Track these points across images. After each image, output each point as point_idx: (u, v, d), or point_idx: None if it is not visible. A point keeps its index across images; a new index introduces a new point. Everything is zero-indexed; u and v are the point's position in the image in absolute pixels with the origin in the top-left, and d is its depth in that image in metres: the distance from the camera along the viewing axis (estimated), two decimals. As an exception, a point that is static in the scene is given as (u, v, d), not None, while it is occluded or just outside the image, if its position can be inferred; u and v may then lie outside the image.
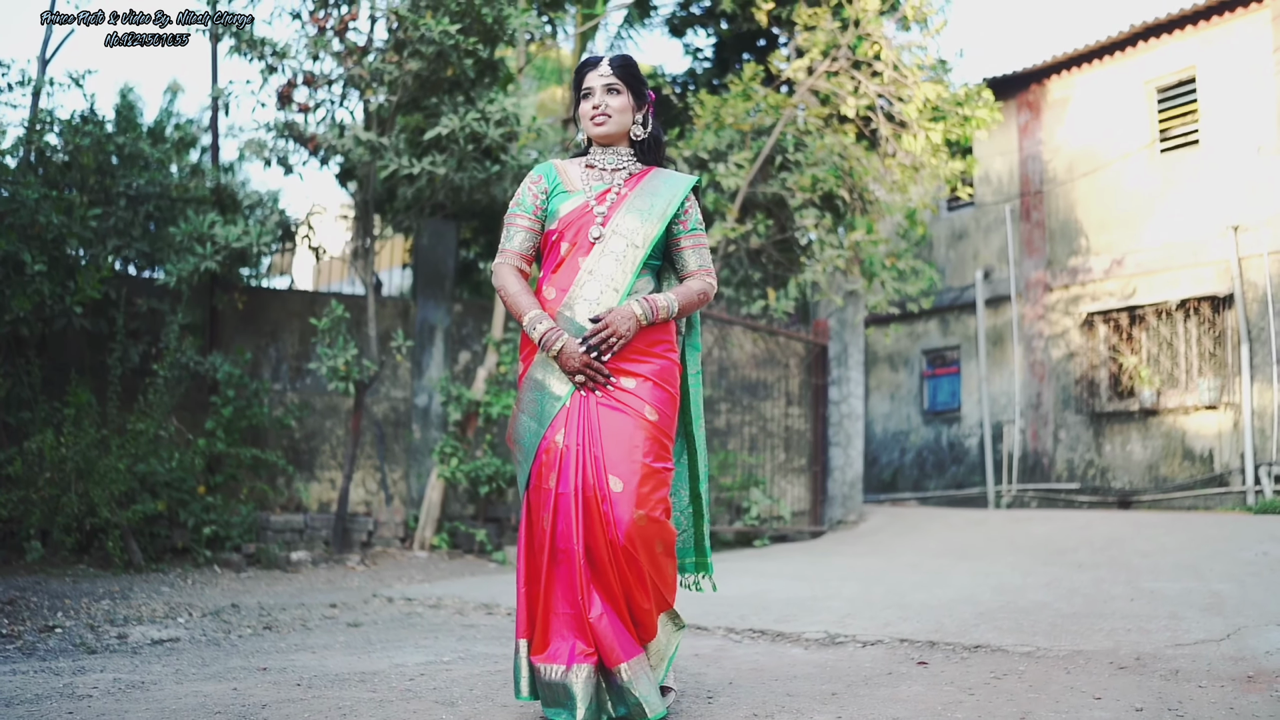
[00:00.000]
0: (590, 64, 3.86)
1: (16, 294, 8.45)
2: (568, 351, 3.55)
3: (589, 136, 3.87)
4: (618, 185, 3.80)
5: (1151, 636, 5.23)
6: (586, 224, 3.72)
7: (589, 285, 3.66)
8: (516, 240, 3.79)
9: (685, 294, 3.74)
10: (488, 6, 9.14)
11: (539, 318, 3.61)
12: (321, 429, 10.73)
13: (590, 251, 3.70)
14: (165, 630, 5.83)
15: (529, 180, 3.85)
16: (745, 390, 11.91)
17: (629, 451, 3.49)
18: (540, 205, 3.80)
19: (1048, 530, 11.02)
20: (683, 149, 10.92)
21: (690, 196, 3.88)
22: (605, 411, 3.55)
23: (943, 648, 5.26)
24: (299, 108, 9.32)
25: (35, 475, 8.31)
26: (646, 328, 3.63)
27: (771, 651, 5.38)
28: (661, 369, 3.64)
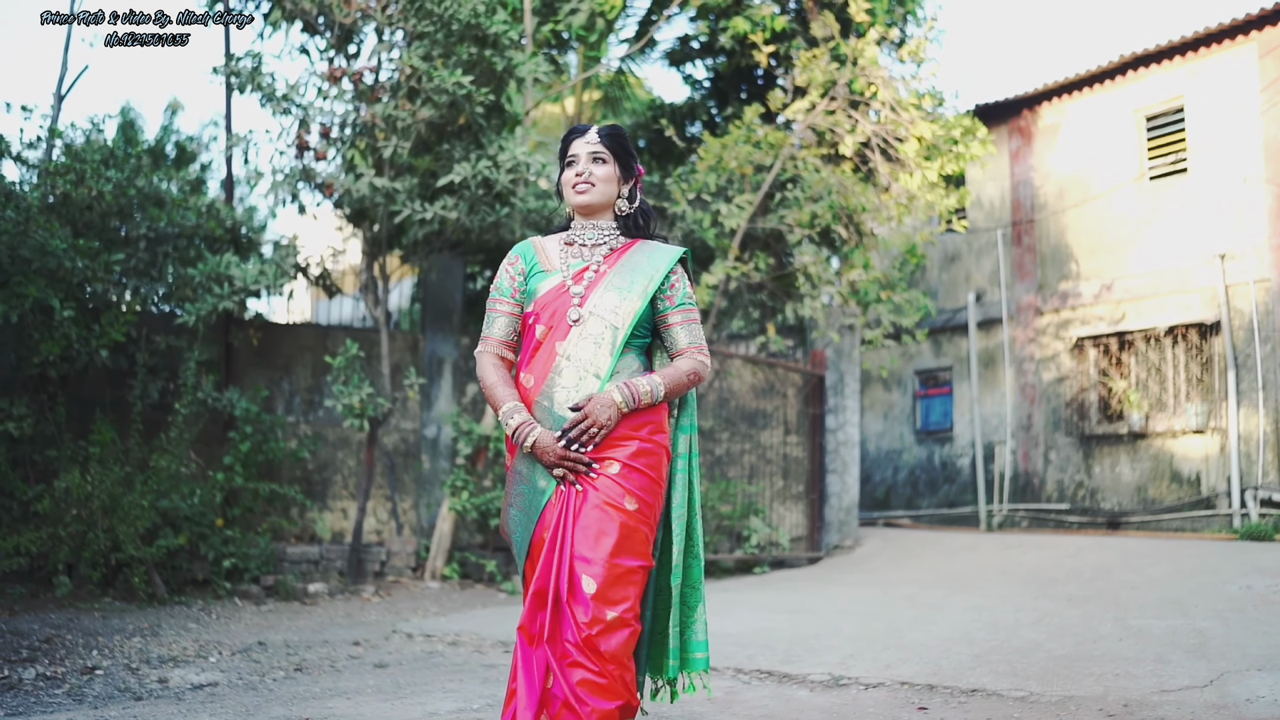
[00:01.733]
0: (577, 132, 3.73)
1: (45, 338, 8.75)
2: (541, 446, 3.43)
3: (571, 208, 3.71)
4: (596, 262, 3.64)
5: (1139, 682, 5.53)
6: (563, 306, 3.56)
7: (567, 371, 3.52)
8: (497, 327, 3.68)
9: (673, 376, 3.58)
10: (498, 56, 9.46)
11: (513, 410, 3.50)
12: (334, 460, 11.03)
13: (568, 335, 3.53)
14: (203, 674, 6.12)
15: (506, 262, 3.75)
16: (744, 419, 12.22)
17: (601, 549, 3.35)
18: (518, 288, 3.68)
19: (1038, 559, 11.34)
20: (686, 190, 11.24)
21: (678, 269, 3.69)
22: (585, 504, 3.41)
23: (941, 691, 5.56)
24: (316, 156, 9.61)
25: (62, 512, 8.61)
26: (630, 413, 3.46)
27: (779, 694, 5.68)
28: (645, 452, 3.48)
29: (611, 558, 3.34)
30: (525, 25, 10.88)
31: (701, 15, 13.01)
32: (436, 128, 9.73)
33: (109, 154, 9.60)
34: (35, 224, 8.52)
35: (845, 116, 11.46)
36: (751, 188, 11.39)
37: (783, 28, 12.34)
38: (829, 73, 11.45)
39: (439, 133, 9.86)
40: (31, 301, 8.55)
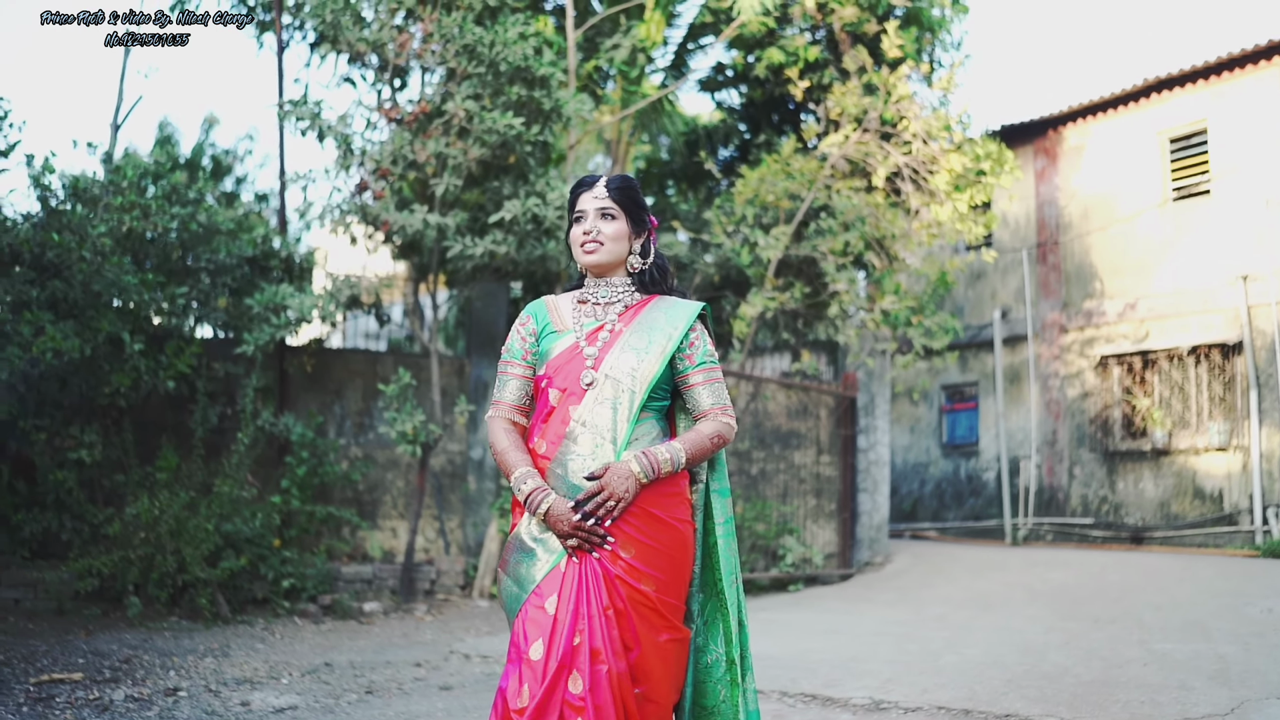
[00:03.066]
0: (584, 185, 3.55)
1: (115, 369, 9.19)
2: (555, 513, 3.22)
3: (582, 266, 3.54)
4: (611, 321, 3.45)
5: (1163, 709, 5.88)
6: (577, 368, 3.38)
7: (582, 438, 3.31)
8: (508, 390, 3.50)
9: (695, 442, 3.34)
10: (546, 96, 9.87)
11: (526, 475, 3.30)
12: (383, 481, 11.44)
13: (582, 399, 3.34)
14: (281, 696, 6.52)
15: (518, 322, 3.58)
16: (778, 440, 12.59)
17: (627, 624, 3.18)
18: (530, 349, 3.50)
19: (1064, 577, 11.67)
20: (726, 223, 11.63)
21: (697, 325, 3.48)
22: (606, 582, 3.21)
23: (976, 716, 5.94)
24: (374, 195, 10.02)
25: (131, 535, 9.05)
26: (650, 484, 3.25)
27: (823, 718, 6.07)
28: (666, 529, 3.29)
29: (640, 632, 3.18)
30: (569, 62, 11.29)
31: (737, 45, 13.37)
32: (486, 165, 10.15)
33: (171, 190, 10.02)
34: (109, 262, 8.95)
35: (877, 147, 11.83)
36: (786, 217, 11.78)
37: (815, 58, 12.71)
38: (861, 105, 11.83)
39: (488, 169, 10.28)
40: (104, 335, 8.98)
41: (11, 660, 7.26)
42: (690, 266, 12.32)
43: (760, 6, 11.23)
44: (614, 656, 3.12)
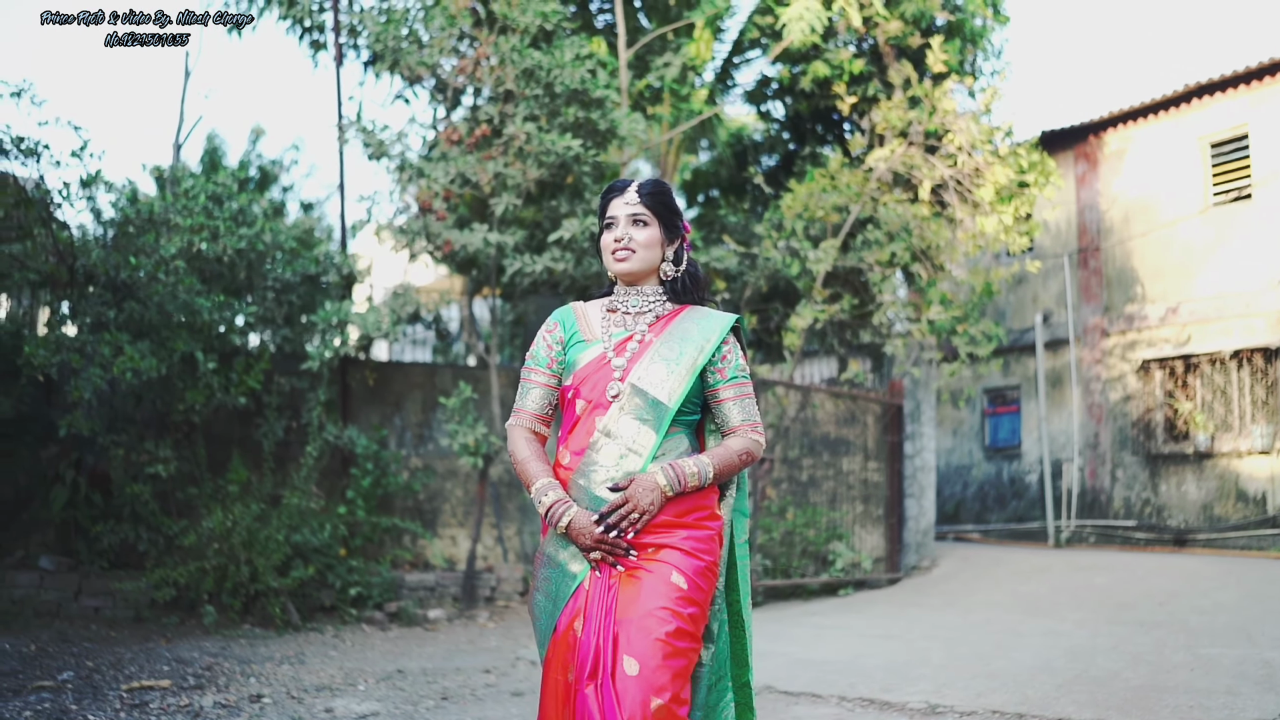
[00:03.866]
0: (615, 190, 3.47)
1: (189, 387, 9.56)
2: (577, 526, 3.18)
3: (612, 273, 3.46)
4: (641, 331, 3.38)
5: (1212, 714, 6.10)
6: (604, 378, 3.31)
7: (607, 449, 3.26)
8: (531, 399, 3.42)
9: (724, 457, 3.30)
10: (601, 117, 10.17)
11: (547, 487, 3.24)
12: (443, 490, 11.77)
13: (609, 410, 3.28)
14: (363, 703, 6.84)
15: (544, 329, 3.48)
16: (826, 447, 12.84)
17: (646, 624, 3.06)
18: (556, 358, 3.42)
19: (1108, 581, 11.85)
20: (776, 239, 11.91)
21: (730, 338, 3.41)
22: (625, 584, 3.16)
23: (1030, 719, 6.18)
24: (436, 216, 10.34)
25: (205, 546, 9.41)
26: (676, 497, 3.20)
27: (882, 722, 6.34)
28: (695, 537, 3.22)
29: (666, 634, 3.06)
30: (621, 81, 11.58)
31: (782, 59, 13.62)
32: (543, 184, 10.47)
33: (237, 211, 10.37)
34: (183, 283, 9.31)
35: (922, 160, 12.06)
36: (833, 230, 12.04)
37: (860, 71, 12.94)
38: (905, 118, 12.07)
39: (544, 188, 10.60)
40: (179, 354, 9.34)
41: (101, 667, 7.62)
42: (739, 278, 12.59)
43: (808, 27, 11.47)
44: (646, 651, 3.04)
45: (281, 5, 11.96)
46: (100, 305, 9.26)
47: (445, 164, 10.14)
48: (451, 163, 10.10)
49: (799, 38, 11.59)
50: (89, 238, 9.76)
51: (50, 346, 8.84)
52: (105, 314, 9.18)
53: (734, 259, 12.28)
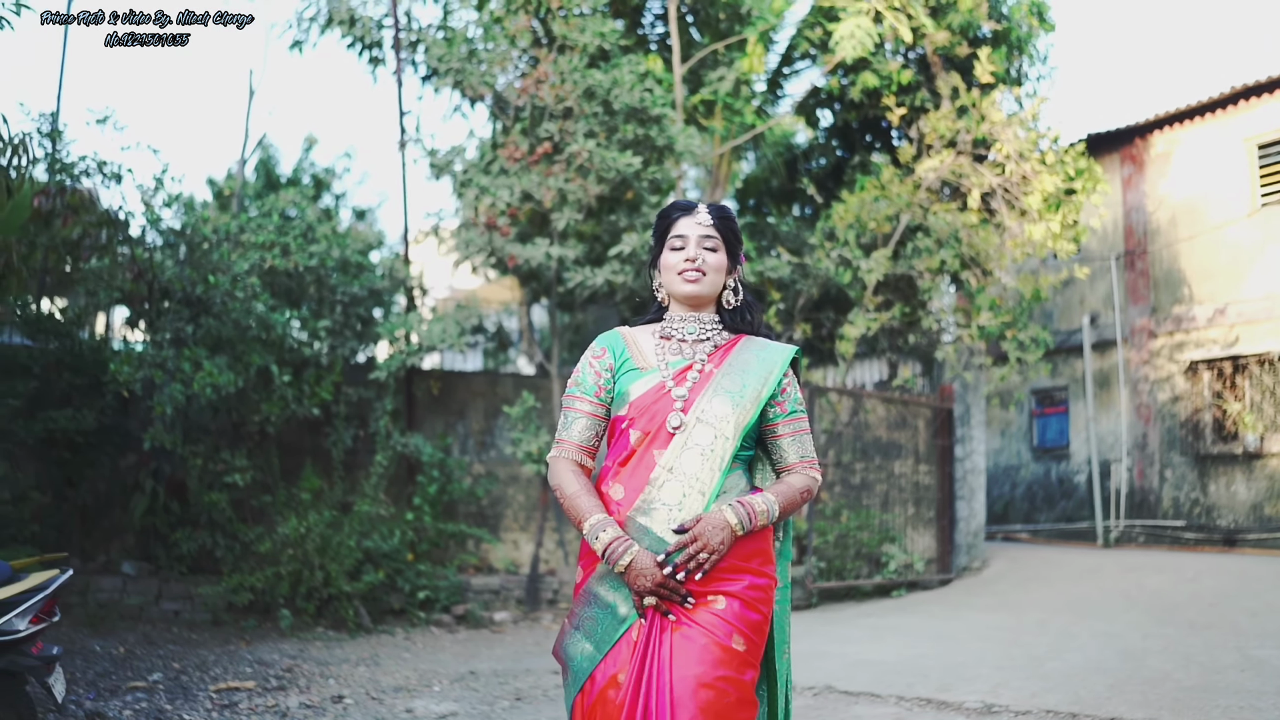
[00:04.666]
0: (682, 209, 3.30)
1: (264, 399, 9.93)
2: (639, 568, 2.96)
3: (669, 295, 3.30)
4: (700, 361, 3.20)
5: (1264, 715, 6.32)
6: (663, 410, 3.12)
7: (669, 486, 3.06)
8: (576, 429, 3.20)
9: (787, 494, 3.16)
10: (660, 134, 10.47)
11: (603, 524, 3.03)
12: (505, 495, 12.09)
13: (669, 444, 3.09)
14: (441, 704, 7.16)
15: (590, 355, 3.28)
16: (878, 450, 13.07)
17: (707, 698, 2.88)
18: (605, 386, 3.22)
19: (1159, 582, 12.02)
20: (829, 248, 12.17)
21: (789, 372, 3.29)
22: (680, 640, 2.95)
23: (1083, 718, 6.42)
24: (500, 233, 10.67)
25: (280, 552, 9.78)
26: (742, 537, 3.04)
27: (940, 721, 6.60)
28: (756, 587, 3.06)
29: (719, 709, 2.88)
30: (675, 96, 11.88)
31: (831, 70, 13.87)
32: (602, 199, 10.78)
33: (308, 228, 10.73)
34: (259, 299, 9.68)
35: (971, 169, 12.28)
36: (883, 239, 12.29)
37: (908, 81, 13.16)
38: (954, 128, 12.30)
39: (603, 202, 10.91)
40: (255, 368, 9.72)
41: (187, 669, 7.98)
42: (792, 286, 12.85)
43: (859, 45, 11.71)
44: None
45: (343, 25, 12.31)
46: (179, 321, 9.64)
47: (509, 179, 10.46)
48: (516, 179, 10.43)
49: (850, 54, 11.82)
50: (164, 256, 10.13)
51: (134, 362, 9.23)
52: (184, 330, 9.56)
53: (787, 268, 12.54)
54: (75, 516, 10.34)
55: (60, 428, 9.70)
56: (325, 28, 12.54)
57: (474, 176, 10.60)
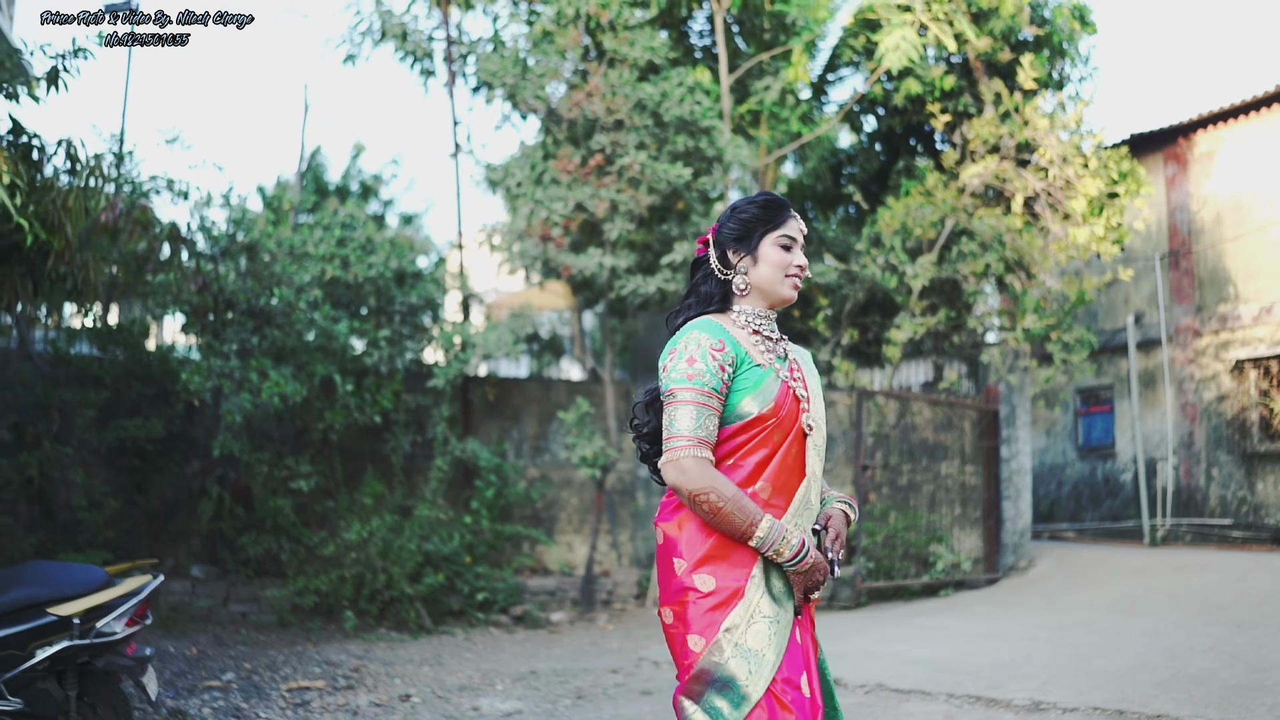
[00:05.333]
0: (788, 208, 3.19)
1: (328, 407, 10.24)
2: (820, 565, 2.98)
3: (757, 290, 3.15)
4: (791, 361, 3.16)
5: (1307, 712, 6.50)
6: (795, 410, 3.04)
7: (811, 488, 3.07)
8: (707, 427, 2.95)
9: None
10: (710, 145, 10.71)
11: (782, 525, 2.92)
12: (559, 498, 12.37)
13: (805, 444, 3.06)
14: (506, 701, 7.43)
15: (708, 346, 2.97)
16: (925, 452, 13.24)
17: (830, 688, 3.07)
18: (726, 380, 2.98)
19: (1205, 581, 12.12)
20: (875, 255, 12.37)
21: None
22: (811, 636, 3.08)
23: (1130, 716, 6.61)
24: (555, 244, 10.94)
25: (343, 555, 10.08)
26: None
27: (990, 718, 6.79)
28: None
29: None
30: (723, 106, 12.12)
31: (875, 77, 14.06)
32: (654, 209, 11.04)
33: (366, 240, 11.03)
34: (322, 313, 9.99)
35: (1015, 173, 12.44)
36: (928, 244, 12.47)
37: (951, 87, 13.32)
38: (997, 133, 12.47)
39: (653, 212, 11.16)
40: (319, 378, 10.03)
41: (258, 669, 8.29)
42: (839, 291, 13.05)
43: (904, 56, 11.89)
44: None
45: (396, 39, 12.62)
46: (244, 333, 9.97)
47: (562, 190, 10.73)
48: (569, 191, 10.69)
49: (896, 65, 12.01)
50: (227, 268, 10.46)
51: (203, 373, 9.57)
52: (249, 341, 9.88)
53: (834, 274, 12.74)
54: (144, 522, 10.69)
55: (131, 436, 10.06)
56: (378, 42, 12.85)
57: (528, 190, 10.87)
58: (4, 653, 4.77)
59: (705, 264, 3.24)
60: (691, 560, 2.96)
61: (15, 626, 4.79)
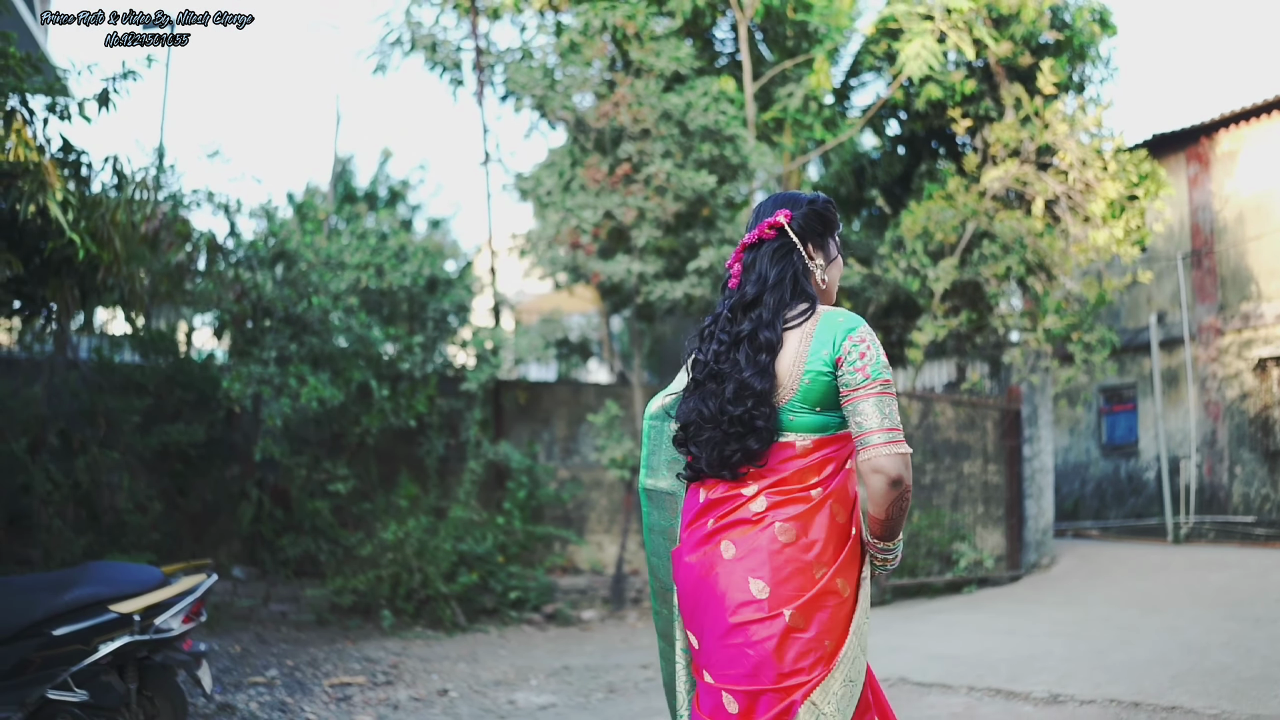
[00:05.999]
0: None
1: (365, 412, 10.54)
2: None
3: (828, 295, 3.26)
4: None
5: (1317, 703, 6.70)
6: None
7: None
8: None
9: None
10: (734, 153, 10.96)
11: None
12: (588, 499, 12.64)
13: None
14: (541, 695, 7.70)
15: (878, 341, 3.03)
16: (948, 451, 13.45)
17: None
18: None
19: (1225, 579, 12.28)
20: (898, 259, 12.60)
21: None
22: None
23: (1145, 708, 6.82)
24: (584, 251, 11.21)
25: (380, 555, 10.38)
26: None
27: (1008, 709, 7.02)
28: None
29: None
30: (747, 114, 12.36)
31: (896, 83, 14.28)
32: (680, 216, 11.30)
33: (400, 248, 11.32)
34: (358, 320, 10.28)
35: (1035, 177, 12.65)
36: (949, 248, 12.69)
37: (972, 91, 13.51)
38: (1018, 137, 12.67)
39: (680, 219, 11.42)
40: (356, 383, 10.33)
41: (300, 665, 8.58)
42: (862, 294, 13.28)
43: (925, 65, 12.10)
44: None
45: (426, 50, 12.90)
46: (281, 340, 10.28)
47: (591, 198, 11.00)
48: (598, 199, 10.96)
49: (917, 74, 12.22)
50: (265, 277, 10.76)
51: (244, 380, 9.88)
52: (288, 348, 10.18)
53: (858, 277, 12.96)
54: (186, 524, 11.01)
55: (173, 441, 10.38)
56: (408, 53, 13.14)
57: (558, 198, 11.15)
58: (70, 648, 5.05)
59: (778, 248, 3.18)
60: (834, 562, 2.97)
61: (80, 623, 5.08)
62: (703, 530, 3.07)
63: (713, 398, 3.10)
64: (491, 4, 13.03)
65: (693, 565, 3.06)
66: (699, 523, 3.10)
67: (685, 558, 3.10)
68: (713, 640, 2.99)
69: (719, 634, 2.97)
